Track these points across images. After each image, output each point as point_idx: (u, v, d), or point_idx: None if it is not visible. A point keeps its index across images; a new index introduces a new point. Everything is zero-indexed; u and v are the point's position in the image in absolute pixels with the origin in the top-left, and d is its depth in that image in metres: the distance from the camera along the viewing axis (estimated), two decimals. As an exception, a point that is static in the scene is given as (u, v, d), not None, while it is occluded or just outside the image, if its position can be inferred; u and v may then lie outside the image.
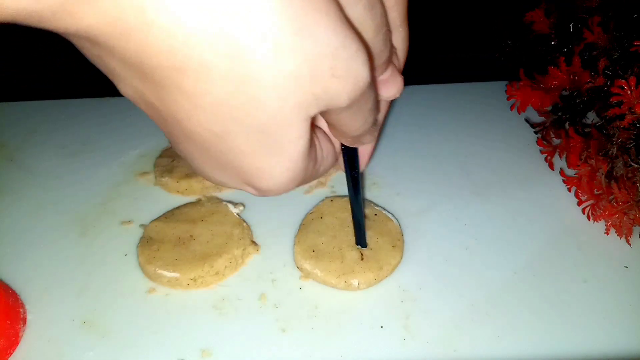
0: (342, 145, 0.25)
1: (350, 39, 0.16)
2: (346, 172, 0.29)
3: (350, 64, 0.17)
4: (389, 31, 0.19)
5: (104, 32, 0.15)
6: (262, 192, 0.21)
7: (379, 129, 0.25)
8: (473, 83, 0.57)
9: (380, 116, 0.25)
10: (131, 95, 0.18)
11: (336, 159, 0.25)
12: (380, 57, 0.20)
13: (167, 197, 0.42)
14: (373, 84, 0.19)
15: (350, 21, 0.17)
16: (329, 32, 0.16)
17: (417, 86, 0.56)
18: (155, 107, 0.18)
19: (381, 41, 0.19)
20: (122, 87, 0.18)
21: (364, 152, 0.28)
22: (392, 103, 0.24)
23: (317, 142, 0.22)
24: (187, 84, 0.16)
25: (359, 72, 0.17)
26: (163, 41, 0.15)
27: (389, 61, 0.21)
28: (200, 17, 0.14)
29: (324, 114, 0.20)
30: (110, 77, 0.18)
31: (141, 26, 0.14)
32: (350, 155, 0.27)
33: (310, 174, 0.22)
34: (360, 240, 0.35)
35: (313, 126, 0.23)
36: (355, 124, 0.21)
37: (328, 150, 0.23)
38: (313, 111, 0.18)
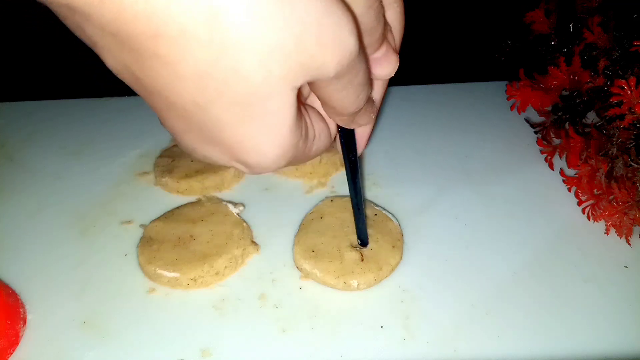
0: (339, 127, 0.25)
1: (335, 7, 0.16)
2: (343, 155, 0.28)
3: (336, 32, 0.16)
4: (381, 6, 0.19)
5: None
6: (251, 168, 0.20)
7: (376, 111, 0.24)
8: (473, 83, 0.57)
9: (377, 96, 0.24)
10: (114, 66, 0.18)
11: (331, 140, 0.24)
12: (372, 33, 0.19)
13: (167, 197, 0.42)
14: (363, 56, 0.18)
15: None
16: (311, 0, 0.15)
17: (417, 86, 0.56)
18: (137, 78, 0.17)
19: (373, 16, 0.18)
20: (105, 59, 0.18)
21: (361, 134, 0.27)
22: (391, 103, 0.24)
23: (308, 120, 0.21)
24: (165, 52, 0.15)
25: (346, 40, 0.17)
26: (139, 6, 0.14)
27: (383, 38, 0.20)
28: None
29: (314, 88, 0.19)
30: (93, 47, 0.17)
31: None
32: (347, 138, 0.26)
33: (301, 152, 0.21)
34: (361, 232, 0.34)
35: (304, 104, 0.22)
36: (347, 100, 0.20)
37: (321, 130, 0.22)
38: (299, 81, 0.17)
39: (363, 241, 0.35)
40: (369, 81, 0.21)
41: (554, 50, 0.46)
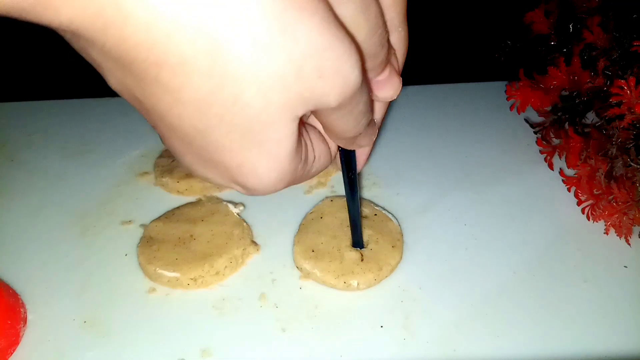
0: (339, 147, 0.25)
1: (339, 39, 0.16)
2: (343, 173, 0.29)
3: (338, 65, 0.16)
4: (385, 32, 0.19)
5: (84, 25, 0.15)
6: (249, 191, 0.20)
7: (377, 132, 0.24)
8: (473, 83, 0.57)
9: (378, 118, 0.24)
10: (117, 87, 0.18)
11: (331, 160, 0.24)
12: (376, 58, 0.19)
13: (167, 197, 0.42)
14: (365, 85, 0.19)
15: (341, 21, 0.17)
16: (314, 32, 0.15)
17: (417, 86, 0.56)
18: (139, 100, 0.18)
19: (377, 42, 0.19)
20: (108, 79, 0.18)
21: (361, 153, 0.27)
22: (391, 103, 0.24)
23: (308, 143, 0.22)
24: (166, 79, 0.16)
25: (348, 73, 0.17)
26: (141, 35, 0.15)
27: (387, 62, 0.20)
28: (180, 11, 0.14)
29: (315, 114, 0.20)
30: (97, 68, 0.18)
31: (119, 19, 0.14)
32: (347, 157, 0.27)
33: (300, 174, 0.21)
34: (357, 241, 0.35)
35: (306, 125, 0.22)
36: (347, 126, 0.20)
37: (321, 151, 0.23)
38: (300, 112, 0.17)
39: (359, 246, 0.36)
40: (371, 107, 0.21)
41: (553, 51, 0.46)
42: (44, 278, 0.35)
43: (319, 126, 0.23)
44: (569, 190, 0.41)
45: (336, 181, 0.43)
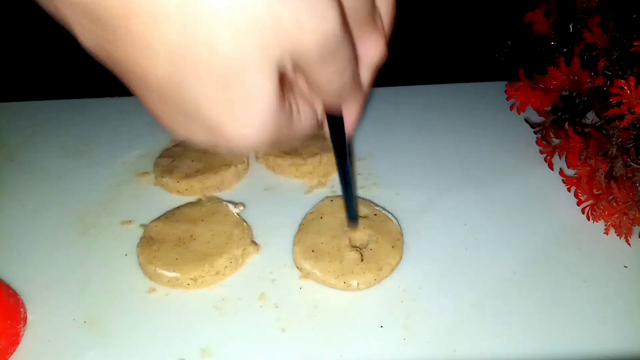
0: (327, 114, 0.24)
1: None
2: (331, 137, 0.27)
3: (316, 9, 0.16)
4: None
5: None
6: (233, 141, 0.19)
7: (365, 95, 0.23)
8: (473, 83, 0.57)
9: (365, 81, 0.23)
10: (89, 45, 0.17)
11: (316, 119, 0.23)
12: (358, 12, 0.19)
13: (168, 197, 0.42)
14: (347, 36, 0.18)
15: None
16: None
17: (417, 86, 0.56)
18: (112, 56, 0.17)
19: None
20: (79, 37, 0.17)
21: (349, 118, 0.26)
22: (392, 103, 0.24)
23: (292, 101, 0.21)
24: (137, 29, 0.15)
25: (327, 17, 0.16)
26: None
27: (369, 18, 0.20)
28: None
29: (298, 70, 0.19)
30: (68, 27, 0.17)
31: None
32: (333, 119, 0.26)
33: (285, 129, 0.20)
34: (352, 215, 0.34)
35: (287, 81, 0.21)
36: (331, 80, 0.19)
37: (305, 108, 0.22)
38: (277, 54, 0.17)
39: (353, 219, 0.35)
40: (354, 57, 0.20)
41: (553, 51, 0.46)
42: (44, 278, 0.35)
43: (304, 88, 0.22)
44: (569, 190, 0.41)
45: (336, 181, 0.43)
